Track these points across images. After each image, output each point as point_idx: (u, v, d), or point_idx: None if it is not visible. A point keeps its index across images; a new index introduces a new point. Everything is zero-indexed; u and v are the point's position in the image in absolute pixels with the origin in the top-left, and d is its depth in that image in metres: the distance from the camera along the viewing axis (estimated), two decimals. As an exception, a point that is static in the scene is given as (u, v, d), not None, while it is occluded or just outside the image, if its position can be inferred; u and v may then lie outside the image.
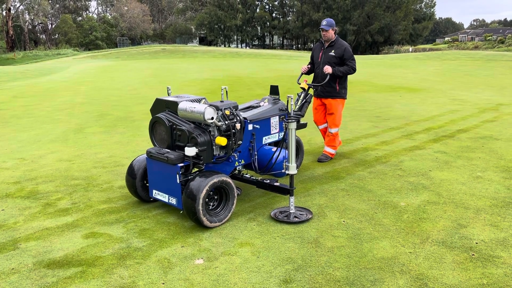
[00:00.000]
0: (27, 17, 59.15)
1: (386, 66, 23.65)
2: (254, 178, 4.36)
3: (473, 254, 3.22)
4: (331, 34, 5.41)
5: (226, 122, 3.84)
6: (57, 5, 65.49)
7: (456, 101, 10.82)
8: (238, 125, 3.92)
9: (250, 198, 4.44)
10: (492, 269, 3.02)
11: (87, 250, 3.38)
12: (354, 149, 6.27)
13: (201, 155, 3.78)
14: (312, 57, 5.76)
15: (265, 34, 78.04)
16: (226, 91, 4.77)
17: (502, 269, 3.02)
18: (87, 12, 72.15)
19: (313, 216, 3.94)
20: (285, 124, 3.94)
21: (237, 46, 73.96)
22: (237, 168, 4.35)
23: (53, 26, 64.16)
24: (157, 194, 4.05)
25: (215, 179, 3.66)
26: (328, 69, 5.26)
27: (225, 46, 71.07)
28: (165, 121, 3.96)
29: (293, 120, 3.80)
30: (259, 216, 3.97)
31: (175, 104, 3.94)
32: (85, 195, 4.61)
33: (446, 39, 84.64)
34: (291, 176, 3.91)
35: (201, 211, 3.57)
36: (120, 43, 63.25)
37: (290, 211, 3.93)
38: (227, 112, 3.88)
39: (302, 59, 31.46)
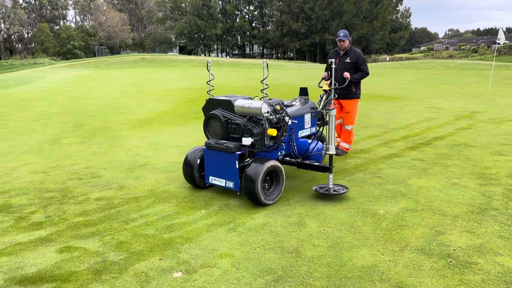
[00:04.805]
0: (2, 26, 57.91)
1: (364, 75, 23.97)
2: (294, 160, 5.01)
3: (451, 261, 3.25)
4: (347, 43, 6.27)
5: (277, 116, 4.51)
6: (34, 14, 64.41)
7: (432, 109, 11.05)
8: (287, 118, 4.60)
9: (230, 208, 4.40)
10: (470, 276, 3.05)
11: (61, 265, 3.28)
12: (333, 157, 6.30)
13: (256, 144, 4.44)
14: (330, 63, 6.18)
15: (245, 43, 78.46)
16: None
17: (479, 275, 3.06)
18: (65, 21, 71.21)
19: (349, 190, 4.68)
20: (326, 112, 5.03)
21: (217, 55, 74.06)
22: (279, 158, 4.99)
23: (29, 35, 63.03)
24: (213, 180, 4.69)
25: (271, 163, 4.35)
26: (347, 74, 6.03)
27: (205, 55, 71.07)
28: (221, 116, 4.68)
29: (333, 108, 4.52)
30: (239, 227, 3.93)
31: (229, 102, 4.67)
32: (60, 208, 4.49)
33: (422, 48, 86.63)
34: (330, 156, 4.61)
35: (260, 191, 4.23)
36: (99, 52, 62.58)
37: (330, 186, 4.63)
38: (278, 107, 4.55)
39: (282, 69, 31.69)
